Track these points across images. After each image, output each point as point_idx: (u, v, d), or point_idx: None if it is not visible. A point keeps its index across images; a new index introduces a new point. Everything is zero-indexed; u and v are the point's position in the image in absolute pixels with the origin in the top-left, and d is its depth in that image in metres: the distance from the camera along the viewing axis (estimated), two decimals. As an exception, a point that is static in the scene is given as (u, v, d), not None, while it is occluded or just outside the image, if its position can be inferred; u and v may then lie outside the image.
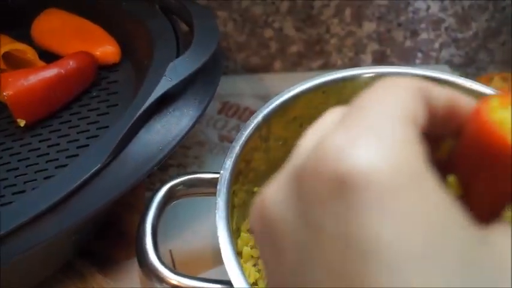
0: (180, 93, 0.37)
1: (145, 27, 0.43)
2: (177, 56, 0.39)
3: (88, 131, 0.39)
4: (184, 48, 0.39)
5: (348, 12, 0.55)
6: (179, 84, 0.36)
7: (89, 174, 0.31)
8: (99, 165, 0.31)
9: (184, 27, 0.44)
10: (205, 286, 0.27)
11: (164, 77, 0.35)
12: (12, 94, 0.38)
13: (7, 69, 0.43)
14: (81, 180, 0.31)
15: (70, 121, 0.41)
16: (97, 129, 0.40)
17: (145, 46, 0.42)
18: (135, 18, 0.45)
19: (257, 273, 0.33)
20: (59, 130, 0.40)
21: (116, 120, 0.36)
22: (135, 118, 0.33)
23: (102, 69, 0.45)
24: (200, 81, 0.38)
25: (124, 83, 0.44)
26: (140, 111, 0.34)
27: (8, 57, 0.44)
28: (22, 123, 0.39)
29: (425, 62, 0.60)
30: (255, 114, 0.34)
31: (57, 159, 0.37)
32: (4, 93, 0.38)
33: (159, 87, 0.35)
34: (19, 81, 0.39)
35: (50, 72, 0.40)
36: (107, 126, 0.39)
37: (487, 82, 0.51)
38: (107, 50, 0.45)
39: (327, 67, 0.59)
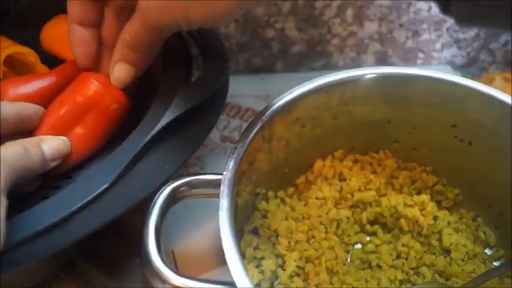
0: (184, 120, 0.35)
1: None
2: (187, 75, 0.38)
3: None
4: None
5: (349, 12, 0.55)
6: (185, 113, 0.34)
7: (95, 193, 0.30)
8: (106, 184, 0.30)
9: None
10: (208, 287, 0.27)
11: (172, 104, 0.34)
12: None
13: (8, 71, 0.43)
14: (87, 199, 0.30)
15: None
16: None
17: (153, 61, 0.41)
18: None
19: (260, 275, 0.33)
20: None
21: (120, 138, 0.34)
22: (139, 148, 0.32)
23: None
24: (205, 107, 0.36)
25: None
26: (145, 140, 0.32)
27: (9, 59, 0.44)
28: None
29: (427, 62, 0.60)
30: (258, 114, 0.34)
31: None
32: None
33: (164, 119, 0.33)
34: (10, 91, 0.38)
35: (46, 81, 0.39)
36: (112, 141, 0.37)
37: (489, 82, 0.51)
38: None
39: (328, 67, 0.59)
